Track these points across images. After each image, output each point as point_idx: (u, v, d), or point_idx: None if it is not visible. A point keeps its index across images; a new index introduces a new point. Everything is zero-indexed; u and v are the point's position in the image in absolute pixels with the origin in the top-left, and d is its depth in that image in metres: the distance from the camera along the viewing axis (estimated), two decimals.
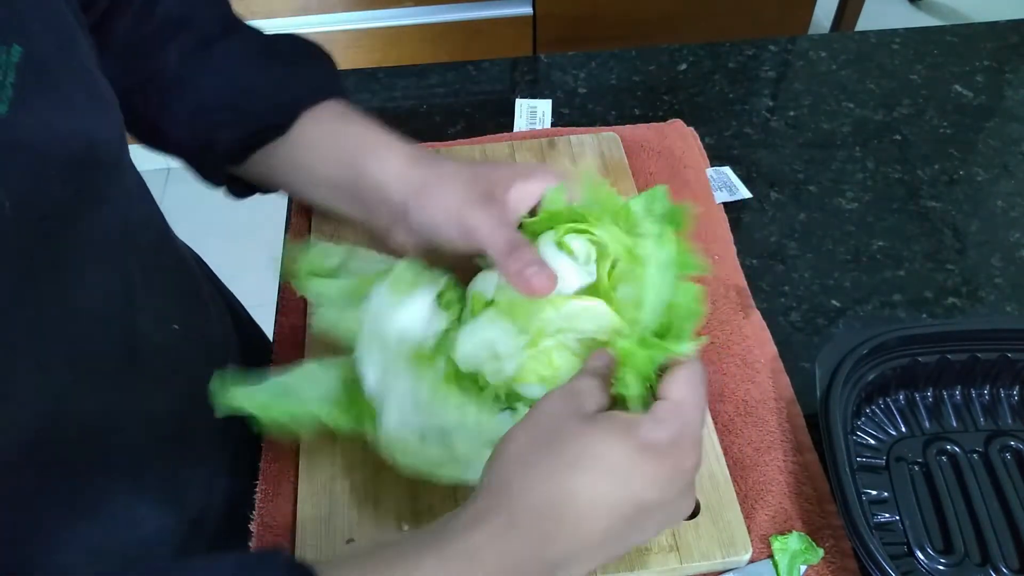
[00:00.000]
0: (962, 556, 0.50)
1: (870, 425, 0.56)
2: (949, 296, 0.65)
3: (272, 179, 0.58)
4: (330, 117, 0.56)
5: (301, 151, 0.56)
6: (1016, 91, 0.81)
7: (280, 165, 0.57)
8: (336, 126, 0.56)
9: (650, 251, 0.46)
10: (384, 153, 0.53)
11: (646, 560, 0.48)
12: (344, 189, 0.55)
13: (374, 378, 0.48)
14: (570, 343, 0.47)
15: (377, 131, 0.55)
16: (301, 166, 0.56)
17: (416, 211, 0.51)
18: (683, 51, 0.85)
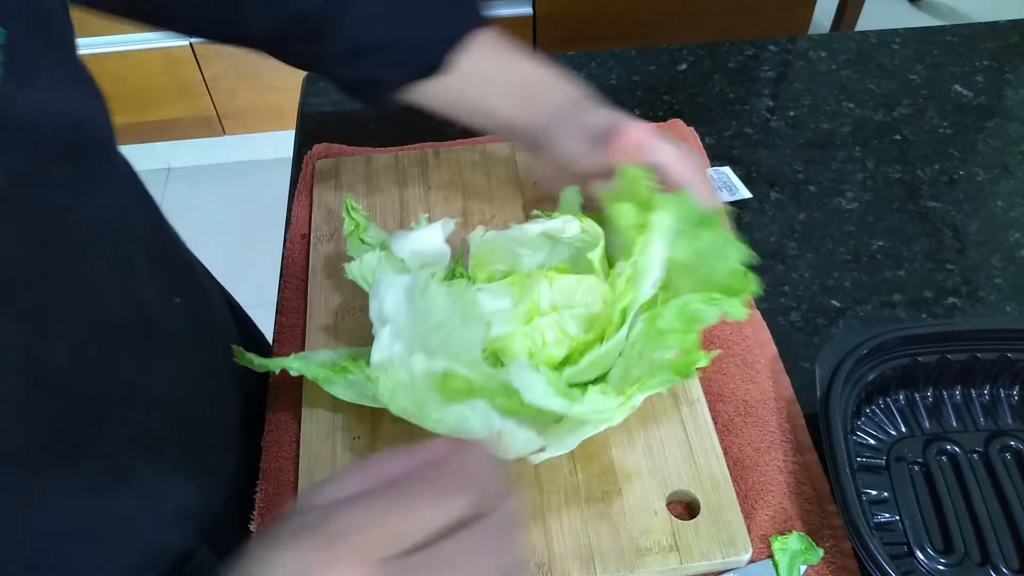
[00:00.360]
0: (962, 556, 0.50)
1: (870, 425, 0.56)
2: (949, 296, 0.65)
3: (436, 107, 0.61)
4: (491, 50, 0.58)
5: (469, 85, 0.58)
6: (1016, 91, 0.81)
7: (446, 96, 0.59)
8: (502, 61, 0.58)
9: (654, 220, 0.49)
10: (559, 85, 0.58)
11: (645, 560, 0.48)
12: (522, 127, 0.58)
13: (377, 306, 0.50)
14: (566, 321, 0.49)
15: (542, 68, 0.58)
16: (472, 99, 0.59)
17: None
18: (683, 51, 0.85)
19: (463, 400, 0.46)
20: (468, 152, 0.71)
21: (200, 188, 1.98)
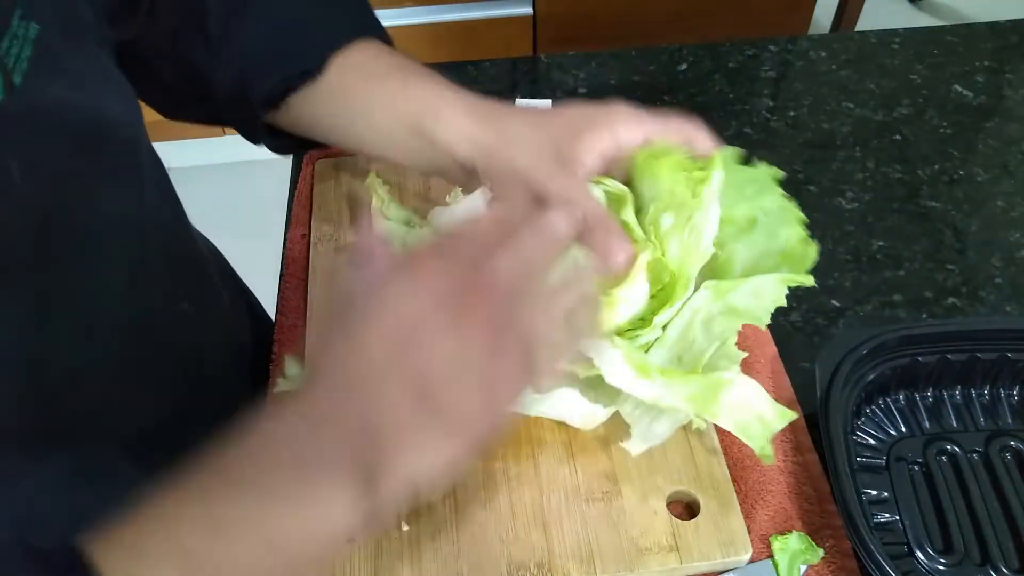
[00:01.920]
0: (962, 556, 0.50)
1: (870, 425, 0.56)
2: (949, 296, 0.65)
3: (315, 129, 0.57)
4: (374, 64, 0.54)
5: (349, 100, 0.54)
6: (1016, 91, 0.81)
7: (323, 113, 0.55)
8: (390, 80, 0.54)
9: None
10: (448, 115, 0.51)
11: (646, 560, 0.48)
12: (409, 148, 0.53)
13: None
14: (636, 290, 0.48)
15: (432, 84, 0.53)
16: (353, 115, 0.55)
17: (487, 173, 0.50)
18: (683, 51, 0.85)
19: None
20: None
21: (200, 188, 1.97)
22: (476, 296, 0.35)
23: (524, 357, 0.36)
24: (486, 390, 0.35)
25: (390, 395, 0.33)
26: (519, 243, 0.37)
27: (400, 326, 0.34)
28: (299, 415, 0.34)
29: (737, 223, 0.50)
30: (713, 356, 0.48)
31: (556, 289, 0.38)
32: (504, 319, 0.35)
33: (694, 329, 0.49)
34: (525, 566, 0.48)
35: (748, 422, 0.46)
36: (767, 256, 0.50)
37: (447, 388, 0.34)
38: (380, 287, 0.35)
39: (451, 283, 0.35)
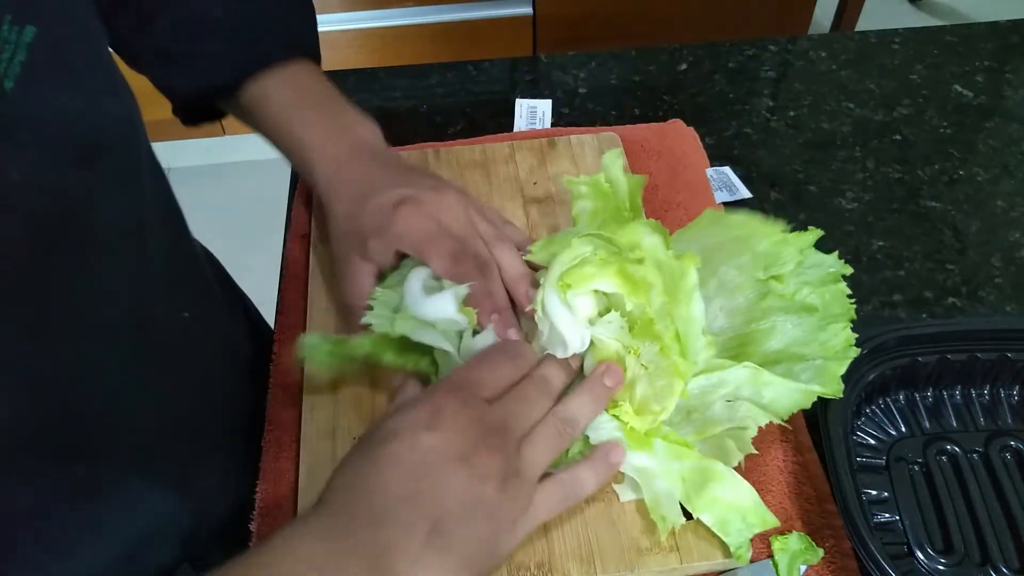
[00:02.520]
0: (962, 556, 0.50)
1: (870, 425, 0.56)
2: (949, 296, 0.65)
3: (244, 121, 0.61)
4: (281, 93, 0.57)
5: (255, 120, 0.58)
6: (1016, 91, 0.81)
7: (237, 116, 0.59)
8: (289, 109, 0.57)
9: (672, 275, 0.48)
10: (318, 158, 0.55)
11: (646, 560, 0.48)
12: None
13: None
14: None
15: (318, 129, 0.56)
16: (260, 130, 0.59)
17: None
18: (683, 51, 0.85)
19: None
20: (468, 152, 0.71)
21: (200, 188, 1.98)
22: (488, 439, 0.41)
23: (525, 490, 0.42)
24: (491, 530, 0.40)
25: (407, 531, 0.38)
26: (526, 391, 0.44)
27: (418, 464, 0.39)
28: (321, 541, 0.38)
29: (794, 302, 0.51)
30: (725, 434, 0.49)
31: (559, 429, 0.45)
32: (512, 460, 0.41)
33: (715, 396, 0.49)
34: (525, 566, 0.48)
35: (729, 519, 0.48)
36: (809, 343, 0.50)
37: (456, 527, 0.39)
38: (400, 423, 0.40)
39: (467, 425, 0.41)
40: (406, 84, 0.82)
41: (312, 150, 0.55)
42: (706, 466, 0.48)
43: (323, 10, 1.68)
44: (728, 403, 0.49)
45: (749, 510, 0.47)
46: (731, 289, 0.53)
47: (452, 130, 0.77)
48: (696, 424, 0.49)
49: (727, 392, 0.49)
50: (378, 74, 0.83)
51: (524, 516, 0.42)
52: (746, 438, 0.49)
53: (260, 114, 0.57)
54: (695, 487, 0.48)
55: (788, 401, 0.48)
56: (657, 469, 0.48)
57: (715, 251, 0.53)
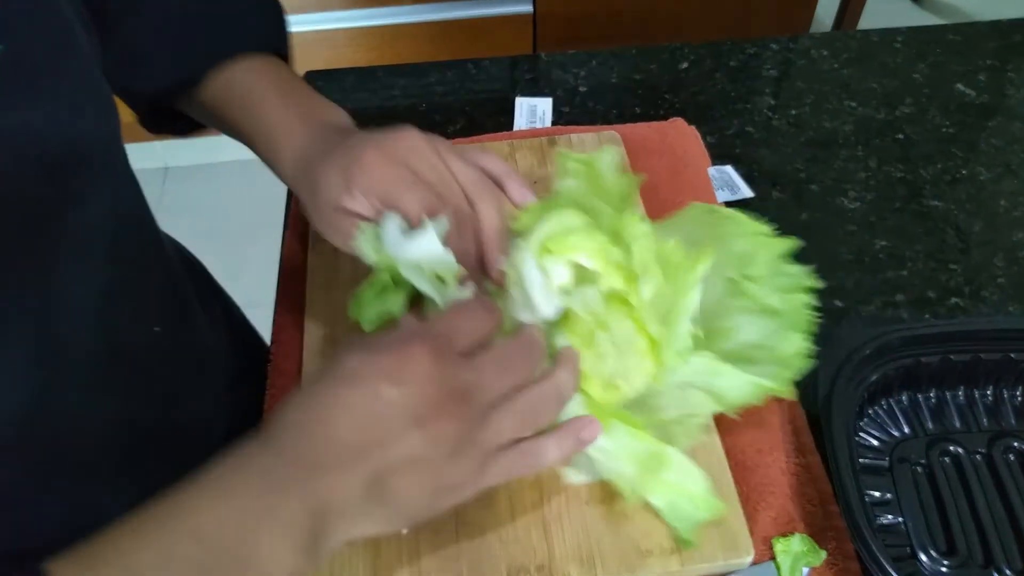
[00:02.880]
0: (965, 558, 0.50)
1: (873, 426, 0.55)
2: (952, 296, 0.64)
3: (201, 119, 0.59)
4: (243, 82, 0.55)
5: (218, 113, 0.56)
6: (1019, 90, 0.81)
7: (199, 115, 0.58)
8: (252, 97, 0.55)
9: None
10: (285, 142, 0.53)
11: (647, 562, 0.47)
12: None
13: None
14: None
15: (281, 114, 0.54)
16: (222, 126, 0.57)
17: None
18: (684, 50, 0.85)
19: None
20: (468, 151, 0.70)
21: (199, 188, 1.97)
22: (451, 403, 0.38)
23: (478, 459, 0.40)
24: (434, 489, 0.39)
25: (348, 479, 0.37)
26: (508, 356, 0.41)
27: (373, 416, 0.37)
28: (260, 475, 0.37)
29: (759, 305, 0.51)
30: (673, 420, 0.49)
31: (531, 403, 0.41)
32: (472, 429, 0.39)
33: (668, 380, 0.49)
34: (525, 568, 0.47)
35: (679, 504, 0.47)
36: (764, 349, 0.50)
37: (399, 483, 0.38)
38: (366, 366, 0.38)
39: (432, 385, 0.38)
40: (405, 83, 0.82)
41: (278, 135, 0.53)
42: (660, 451, 0.47)
43: (323, 8, 1.68)
44: (680, 390, 0.49)
45: (699, 497, 0.47)
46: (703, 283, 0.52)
47: (452, 129, 0.77)
48: (647, 408, 0.49)
49: (680, 380, 0.48)
50: (377, 73, 0.83)
51: (472, 481, 0.40)
52: (693, 426, 0.49)
53: (223, 105, 0.55)
54: (648, 470, 0.47)
55: (740, 392, 0.48)
56: (613, 450, 0.47)
57: (693, 246, 0.53)
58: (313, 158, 0.51)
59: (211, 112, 0.57)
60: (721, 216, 0.54)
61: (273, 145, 0.53)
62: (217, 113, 0.57)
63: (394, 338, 0.39)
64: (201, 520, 0.35)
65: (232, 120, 0.56)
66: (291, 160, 0.53)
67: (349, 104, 0.80)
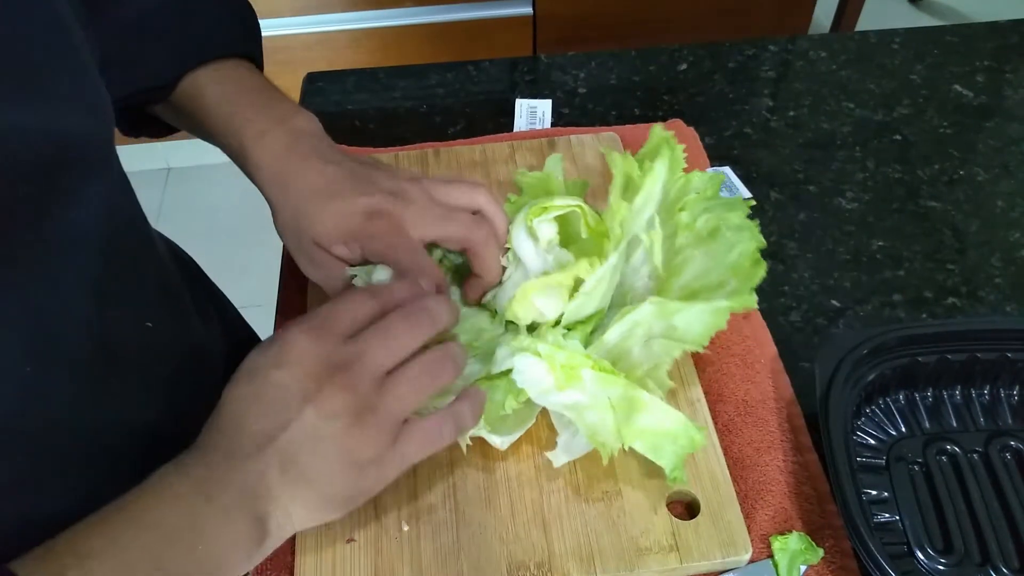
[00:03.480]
0: (962, 556, 0.50)
1: (870, 425, 0.56)
2: (949, 296, 0.65)
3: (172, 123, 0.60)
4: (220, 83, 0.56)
5: (193, 113, 0.56)
6: (1016, 91, 0.81)
7: (171, 119, 0.59)
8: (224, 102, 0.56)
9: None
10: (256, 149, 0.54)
11: (645, 560, 0.48)
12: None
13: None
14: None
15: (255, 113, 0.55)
16: (195, 132, 0.58)
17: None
18: (683, 51, 0.85)
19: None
20: (468, 151, 0.71)
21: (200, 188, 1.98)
22: (336, 374, 0.41)
23: (385, 428, 0.42)
24: (349, 464, 0.41)
25: (264, 466, 0.40)
26: (391, 324, 0.43)
27: (268, 401, 0.40)
28: (195, 471, 0.40)
29: (699, 232, 0.54)
30: (644, 374, 0.50)
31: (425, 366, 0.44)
32: (366, 396, 0.41)
33: (633, 340, 0.51)
34: (525, 566, 0.48)
35: (660, 444, 0.48)
36: (719, 268, 0.52)
37: (309, 460, 0.40)
38: (257, 359, 0.42)
39: (317, 362, 0.41)
40: (406, 84, 0.82)
41: (249, 139, 0.54)
42: (632, 395, 0.48)
43: (323, 10, 1.69)
44: (645, 344, 0.51)
45: (678, 433, 0.48)
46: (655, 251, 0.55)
47: (452, 130, 0.77)
48: (620, 368, 0.50)
49: (642, 333, 0.50)
50: (378, 74, 0.83)
51: (390, 452, 0.42)
52: (662, 375, 0.50)
53: (195, 110, 0.56)
54: (624, 416, 0.48)
55: (700, 325, 0.49)
56: (587, 401, 0.49)
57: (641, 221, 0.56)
58: (289, 174, 0.53)
59: (183, 117, 0.58)
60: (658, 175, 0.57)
61: (244, 152, 0.54)
62: (189, 118, 0.57)
63: (278, 331, 0.43)
64: (154, 515, 0.38)
65: (204, 125, 0.56)
66: (264, 170, 0.54)
67: (350, 105, 0.80)
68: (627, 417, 0.48)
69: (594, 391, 0.48)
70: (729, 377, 0.57)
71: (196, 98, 0.56)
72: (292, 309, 0.62)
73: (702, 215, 0.54)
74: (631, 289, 0.56)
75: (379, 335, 0.43)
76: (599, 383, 0.48)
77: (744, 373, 0.58)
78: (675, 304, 0.49)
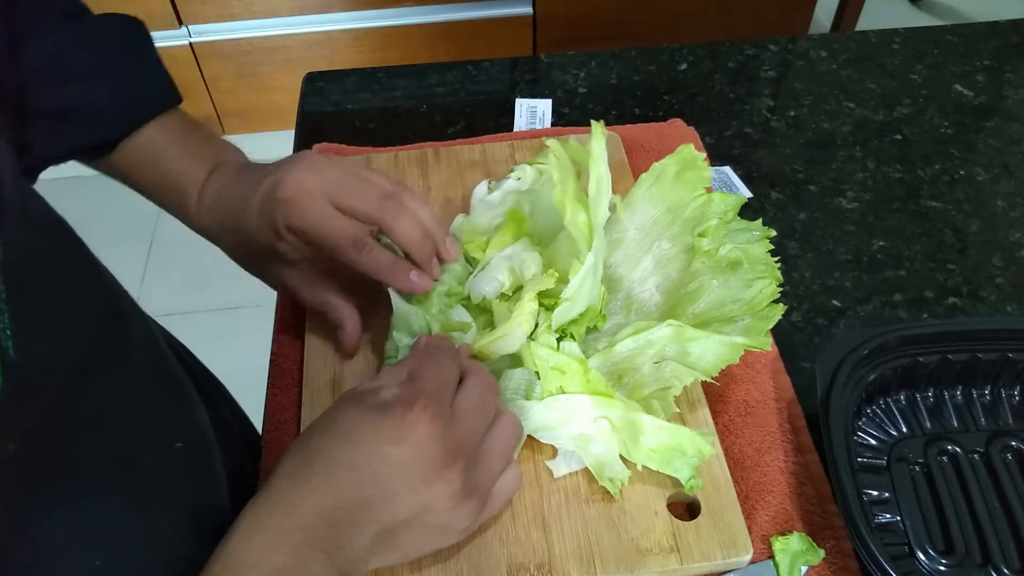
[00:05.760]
0: (963, 556, 0.50)
1: (871, 425, 0.56)
2: (950, 296, 0.65)
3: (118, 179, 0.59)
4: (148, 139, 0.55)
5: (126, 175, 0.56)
6: (1016, 91, 0.81)
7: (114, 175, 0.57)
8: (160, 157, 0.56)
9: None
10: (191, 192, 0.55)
11: (646, 560, 0.48)
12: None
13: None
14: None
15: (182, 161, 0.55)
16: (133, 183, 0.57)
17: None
18: (683, 51, 0.85)
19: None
20: (468, 151, 0.71)
21: None
22: (453, 458, 0.41)
23: (481, 503, 0.43)
24: (441, 531, 0.42)
25: (358, 534, 0.40)
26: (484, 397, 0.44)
27: (378, 475, 0.40)
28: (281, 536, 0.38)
29: (719, 261, 0.53)
30: (651, 395, 0.50)
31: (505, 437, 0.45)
32: (471, 476, 0.42)
33: (644, 357, 0.51)
34: (525, 567, 0.47)
35: (671, 459, 0.48)
36: (735, 302, 0.52)
37: (407, 534, 0.41)
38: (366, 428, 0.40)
39: (433, 444, 0.40)
40: (406, 84, 0.82)
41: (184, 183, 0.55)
42: (632, 418, 0.48)
43: (323, 10, 1.69)
44: (656, 364, 0.50)
45: (686, 445, 0.48)
46: (665, 263, 0.55)
47: (452, 130, 0.77)
48: (626, 388, 0.51)
49: (654, 353, 0.50)
50: (378, 74, 0.83)
51: (477, 518, 0.44)
52: (669, 398, 0.50)
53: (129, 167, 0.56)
54: (631, 439, 0.49)
55: (714, 356, 0.49)
56: (592, 434, 0.49)
57: (651, 227, 0.56)
58: (229, 205, 0.53)
59: (115, 171, 0.57)
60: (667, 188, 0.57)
61: (181, 194, 0.55)
62: (121, 173, 0.57)
63: (390, 398, 0.41)
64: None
65: (136, 178, 0.56)
66: (203, 208, 0.54)
67: (350, 105, 0.80)
68: (633, 439, 0.48)
69: (594, 414, 0.49)
70: (730, 378, 0.57)
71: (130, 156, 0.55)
72: (293, 309, 0.62)
73: (724, 243, 0.53)
74: (636, 300, 0.56)
75: (476, 411, 0.44)
76: (598, 405, 0.48)
77: (745, 373, 0.58)
78: (692, 331, 0.49)
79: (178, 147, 0.55)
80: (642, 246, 0.56)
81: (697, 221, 0.55)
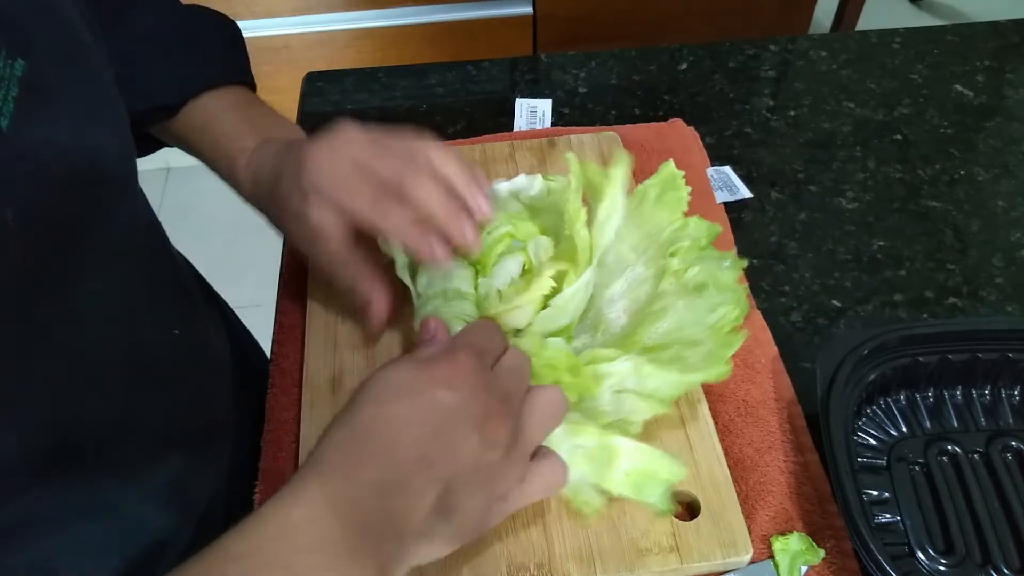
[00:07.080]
0: (963, 556, 0.50)
1: (871, 425, 0.56)
2: (950, 296, 0.65)
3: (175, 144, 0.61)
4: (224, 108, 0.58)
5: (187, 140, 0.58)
6: (1017, 91, 0.81)
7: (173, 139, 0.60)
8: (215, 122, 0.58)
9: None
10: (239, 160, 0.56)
11: (646, 560, 0.48)
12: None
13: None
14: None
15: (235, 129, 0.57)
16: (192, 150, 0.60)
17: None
18: (683, 51, 0.85)
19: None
20: (468, 151, 0.71)
21: (200, 188, 1.97)
22: (499, 406, 0.39)
23: (523, 463, 0.41)
24: (489, 500, 0.39)
25: (419, 497, 0.37)
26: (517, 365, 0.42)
27: (437, 425, 0.37)
28: (329, 507, 0.36)
29: (685, 283, 0.53)
30: (613, 425, 0.49)
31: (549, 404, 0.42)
32: (515, 430, 0.40)
33: (603, 387, 0.49)
34: (525, 566, 0.47)
35: (643, 485, 0.47)
36: (697, 325, 0.51)
37: (464, 493, 0.38)
38: (419, 378, 0.39)
39: (483, 390, 0.39)
40: (406, 84, 0.82)
41: (234, 151, 0.56)
42: (605, 443, 0.47)
43: (323, 10, 1.68)
44: (616, 393, 0.49)
45: (658, 469, 0.47)
46: (636, 286, 0.54)
47: (452, 130, 0.77)
48: (585, 412, 0.49)
49: (614, 383, 0.49)
50: (378, 74, 0.83)
51: (518, 489, 0.41)
52: (631, 432, 0.49)
53: (189, 131, 0.58)
54: (603, 466, 0.47)
55: (672, 389, 0.49)
56: (565, 458, 0.47)
57: (629, 251, 0.55)
58: (267, 174, 0.53)
59: (177, 136, 0.59)
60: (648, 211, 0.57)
61: (230, 163, 0.56)
62: (183, 138, 0.59)
63: (437, 351, 0.40)
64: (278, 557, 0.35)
65: (195, 143, 0.58)
66: (247, 175, 0.55)
67: (350, 105, 0.80)
68: (608, 466, 0.47)
69: (565, 446, 0.47)
70: (729, 377, 0.57)
71: (190, 120, 0.57)
72: (293, 308, 0.62)
73: (693, 265, 0.53)
74: (604, 319, 0.55)
75: (515, 374, 0.42)
76: (569, 435, 0.47)
77: (745, 373, 0.58)
78: (649, 367, 0.49)
79: (234, 116, 0.57)
80: (617, 269, 0.55)
81: (671, 243, 0.54)
